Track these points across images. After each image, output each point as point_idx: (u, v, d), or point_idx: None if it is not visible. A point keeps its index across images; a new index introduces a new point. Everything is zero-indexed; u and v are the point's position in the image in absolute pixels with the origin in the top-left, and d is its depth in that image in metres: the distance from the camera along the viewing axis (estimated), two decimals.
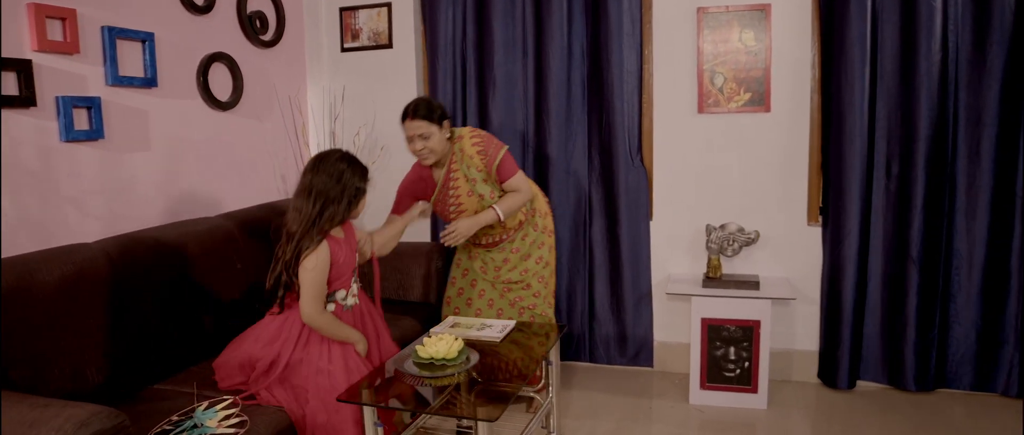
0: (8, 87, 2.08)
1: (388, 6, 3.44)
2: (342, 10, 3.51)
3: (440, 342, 2.03)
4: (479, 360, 2.06)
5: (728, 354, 2.91)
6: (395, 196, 2.71)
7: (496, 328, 2.39)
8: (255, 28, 3.10)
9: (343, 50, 3.54)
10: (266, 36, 3.18)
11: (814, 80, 2.98)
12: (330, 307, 2.15)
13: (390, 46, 3.47)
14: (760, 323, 2.85)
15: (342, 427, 1.98)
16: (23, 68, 2.10)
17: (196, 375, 2.22)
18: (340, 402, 1.93)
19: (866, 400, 2.93)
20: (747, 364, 2.90)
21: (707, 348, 2.93)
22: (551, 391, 2.39)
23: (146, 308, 2.18)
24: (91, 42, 2.33)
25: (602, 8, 3.08)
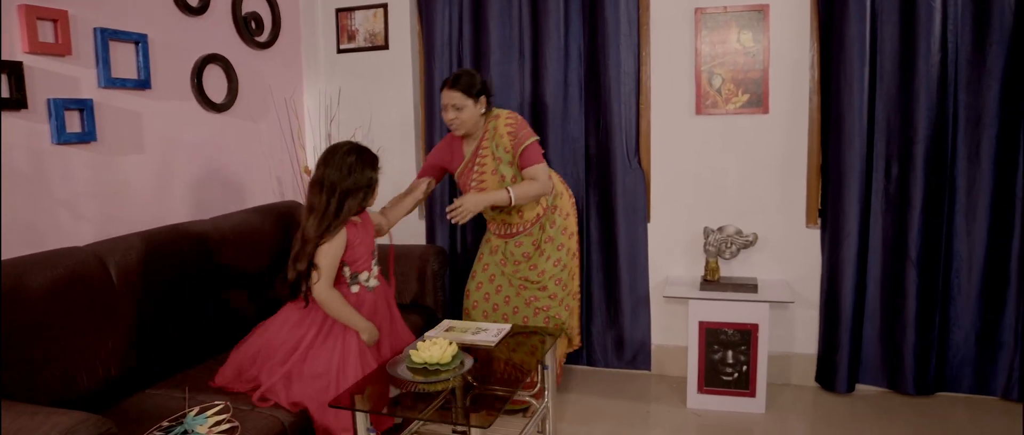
0: None
1: (384, 7, 3.42)
2: (338, 11, 3.49)
3: (434, 346, 2.02)
4: (474, 365, 2.05)
5: (726, 358, 2.90)
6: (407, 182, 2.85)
7: (491, 332, 2.38)
8: (250, 29, 3.09)
9: (339, 51, 3.52)
10: (261, 37, 3.17)
11: (813, 81, 2.96)
12: (354, 289, 2.25)
13: (386, 47, 3.45)
14: (758, 326, 2.83)
15: (349, 426, 2.00)
16: (14, 70, 2.08)
17: (189, 380, 2.20)
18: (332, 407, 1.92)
19: (865, 404, 2.91)
20: (745, 368, 2.88)
21: (705, 351, 2.91)
22: (547, 395, 2.37)
23: (138, 312, 2.17)
24: (83, 44, 2.32)
25: (599, 9, 3.06)
